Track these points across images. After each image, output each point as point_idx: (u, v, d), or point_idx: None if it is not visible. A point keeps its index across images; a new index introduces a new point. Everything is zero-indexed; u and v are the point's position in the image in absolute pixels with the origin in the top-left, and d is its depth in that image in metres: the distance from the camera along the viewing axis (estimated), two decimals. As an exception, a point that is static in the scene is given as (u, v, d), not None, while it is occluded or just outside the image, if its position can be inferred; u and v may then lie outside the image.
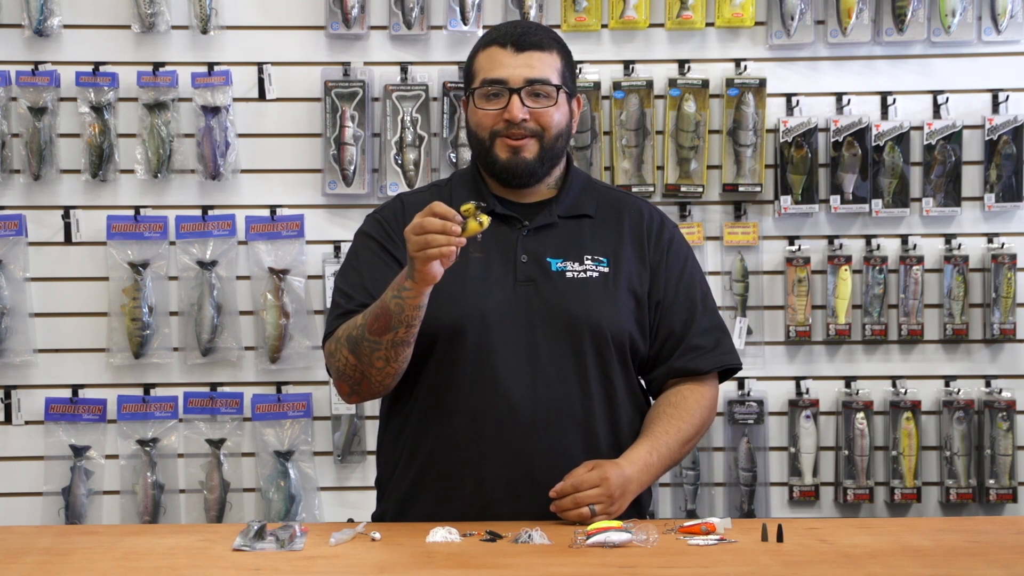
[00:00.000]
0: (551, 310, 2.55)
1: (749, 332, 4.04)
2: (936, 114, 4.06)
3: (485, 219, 2.35)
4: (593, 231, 2.62)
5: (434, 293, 2.46)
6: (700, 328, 2.64)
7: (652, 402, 2.69)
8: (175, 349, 4.04)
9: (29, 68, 3.99)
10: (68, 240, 4.02)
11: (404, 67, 4.02)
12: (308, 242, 4.01)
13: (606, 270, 2.59)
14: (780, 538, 2.32)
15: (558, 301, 2.55)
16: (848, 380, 4.08)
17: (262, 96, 4.04)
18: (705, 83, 4.01)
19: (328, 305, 3.03)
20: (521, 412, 2.52)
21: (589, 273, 2.58)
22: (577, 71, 3.03)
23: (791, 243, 4.05)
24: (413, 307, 2.41)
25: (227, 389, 4.03)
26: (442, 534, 2.31)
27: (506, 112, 2.54)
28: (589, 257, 2.59)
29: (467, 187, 2.65)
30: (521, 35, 2.57)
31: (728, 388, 4.05)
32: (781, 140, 4.02)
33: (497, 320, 2.53)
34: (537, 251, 2.58)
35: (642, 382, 2.70)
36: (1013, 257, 4.04)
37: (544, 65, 2.56)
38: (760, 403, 4.04)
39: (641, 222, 2.65)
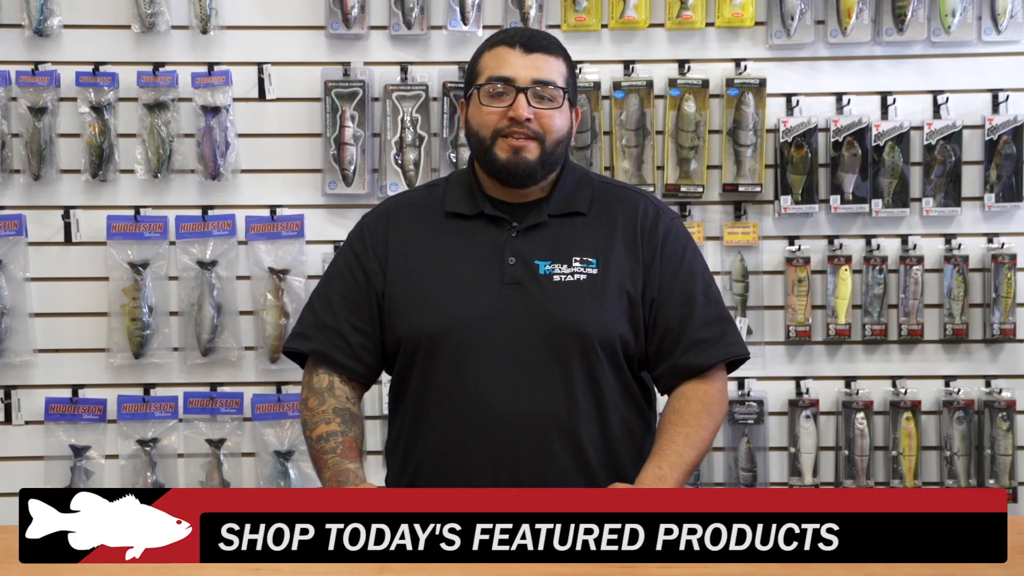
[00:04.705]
0: (536, 314, 2.52)
1: (749, 332, 4.04)
2: (936, 114, 4.06)
3: None
4: (584, 230, 2.59)
5: (418, 298, 2.52)
6: (701, 321, 2.61)
7: (658, 395, 2.68)
8: (175, 349, 4.04)
9: (29, 68, 3.99)
10: (68, 240, 4.02)
11: (404, 67, 4.01)
12: (308, 242, 4.01)
13: (595, 271, 2.55)
14: (780, 538, 2.31)
15: (544, 305, 2.52)
16: (848, 380, 4.08)
17: (262, 96, 4.04)
18: (705, 83, 4.01)
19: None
20: (504, 419, 2.50)
21: (577, 276, 2.55)
22: (578, 74, 3.01)
23: (791, 243, 4.05)
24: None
25: (227, 389, 4.03)
26: (442, 534, 2.31)
27: (511, 110, 2.52)
28: (578, 258, 2.56)
29: (462, 188, 2.65)
30: (530, 37, 2.58)
31: (728, 388, 4.04)
32: (781, 140, 4.01)
33: (480, 325, 2.51)
34: (525, 253, 2.56)
35: (645, 377, 2.67)
36: (1013, 257, 4.04)
37: (551, 68, 2.56)
38: (760, 403, 4.04)
39: (635, 219, 2.62)
